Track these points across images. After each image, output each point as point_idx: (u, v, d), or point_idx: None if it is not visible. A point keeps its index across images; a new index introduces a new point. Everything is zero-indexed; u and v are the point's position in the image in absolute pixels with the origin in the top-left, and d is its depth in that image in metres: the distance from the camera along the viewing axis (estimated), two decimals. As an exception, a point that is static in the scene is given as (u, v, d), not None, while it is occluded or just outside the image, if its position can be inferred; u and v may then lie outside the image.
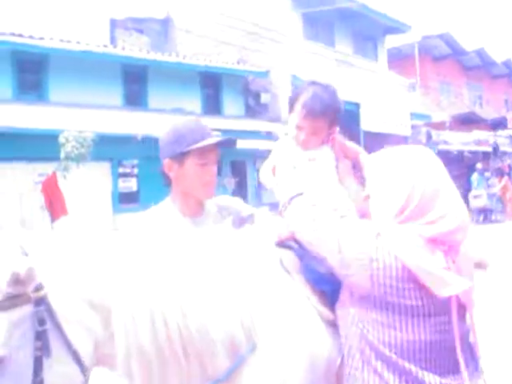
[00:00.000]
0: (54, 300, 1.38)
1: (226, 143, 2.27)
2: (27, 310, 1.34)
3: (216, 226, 2.19)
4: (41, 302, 1.35)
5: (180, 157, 2.17)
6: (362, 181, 1.98)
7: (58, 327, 1.37)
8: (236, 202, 2.43)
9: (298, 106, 2.07)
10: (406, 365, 1.55)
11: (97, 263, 1.50)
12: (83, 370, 1.41)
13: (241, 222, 2.20)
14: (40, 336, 1.34)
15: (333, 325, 1.80)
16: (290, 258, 1.92)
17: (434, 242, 1.56)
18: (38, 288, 1.36)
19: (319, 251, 1.71)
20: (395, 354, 1.57)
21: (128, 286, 1.48)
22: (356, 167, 2.12)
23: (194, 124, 2.23)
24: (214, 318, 1.56)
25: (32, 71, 13.23)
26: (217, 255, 1.74)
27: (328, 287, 1.83)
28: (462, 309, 1.61)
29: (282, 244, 1.98)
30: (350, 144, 2.17)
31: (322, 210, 1.77)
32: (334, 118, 2.10)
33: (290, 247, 1.96)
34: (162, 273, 1.56)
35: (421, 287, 1.54)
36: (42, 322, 1.35)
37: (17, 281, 1.30)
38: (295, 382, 1.66)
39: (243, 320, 1.61)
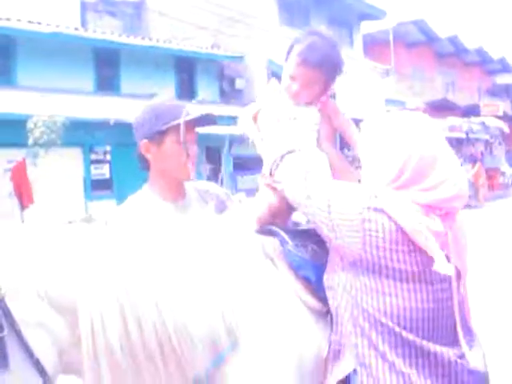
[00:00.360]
0: (13, 302, 1.23)
1: (206, 120, 2.17)
2: None
3: (200, 210, 2.07)
4: None
5: (158, 136, 2.07)
6: (348, 157, 1.93)
7: (17, 334, 1.22)
8: (213, 186, 2.35)
9: (293, 54, 1.92)
10: (404, 333, 1.46)
11: (61, 259, 1.35)
12: (46, 381, 1.27)
13: (221, 205, 2.10)
14: None
15: (318, 314, 1.72)
16: (272, 244, 1.82)
17: (430, 207, 1.49)
18: None
19: (308, 212, 1.62)
20: (392, 322, 1.46)
21: (96, 282, 1.34)
22: (342, 139, 2.03)
23: (171, 102, 2.15)
24: (193, 314, 1.44)
25: (-1, 54, 12.82)
26: (196, 245, 1.62)
27: (312, 273, 1.75)
28: (458, 277, 1.54)
29: (263, 230, 1.88)
30: (343, 115, 2.06)
31: (314, 168, 1.68)
32: (332, 73, 1.95)
33: (271, 233, 1.87)
34: (135, 266, 1.42)
35: (417, 252, 1.45)
36: None
37: None
38: (281, 382, 1.55)
39: (224, 315, 1.50)
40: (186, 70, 16.76)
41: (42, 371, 1.26)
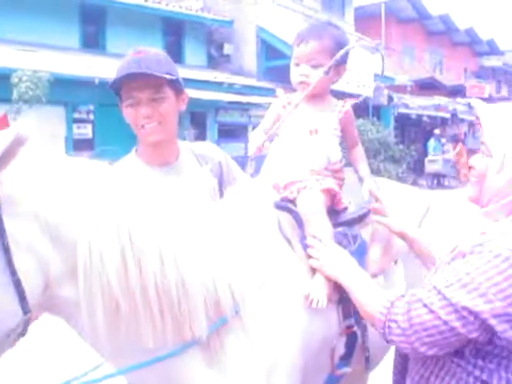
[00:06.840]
0: (7, 218, 1.18)
1: (153, 76, 1.80)
2: None
3: (193, 174, 1.83)
4: None
5: (119, 99, 1.91)
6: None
7: (4, 249, 1.17)
8: (211, 149, 2.15)
9: (294, 41, 1.92)
10: None
11: (68, 189, 1.29)
12: (24, 307, 1.22)
13: (218, 169, 2.00)
14: None
15: (330, 301, 1.70)
16: (288, 223, 1.77)
17: None
18: None
19: None
20: None
21: (100, 217, 1.28)
22: None
23: (131, 57, 1.85)
24: (197, 273, 1.38)
25: (-18, 4, 12.38)
26: (207, 213, 1.54)
27: None
28: None
29: (280, 205, 1.82)
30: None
31: None
32: (334, 47, 1.89)
33: (288, 209, 1.81)
34: (144, 211, 1.35)
35: None
36: None
37: None
38: (285, 361, 1.54)
39: (231, 282, 1.45)
40: (173, 33, 16.42)
41: (21, 295, 1.21)
